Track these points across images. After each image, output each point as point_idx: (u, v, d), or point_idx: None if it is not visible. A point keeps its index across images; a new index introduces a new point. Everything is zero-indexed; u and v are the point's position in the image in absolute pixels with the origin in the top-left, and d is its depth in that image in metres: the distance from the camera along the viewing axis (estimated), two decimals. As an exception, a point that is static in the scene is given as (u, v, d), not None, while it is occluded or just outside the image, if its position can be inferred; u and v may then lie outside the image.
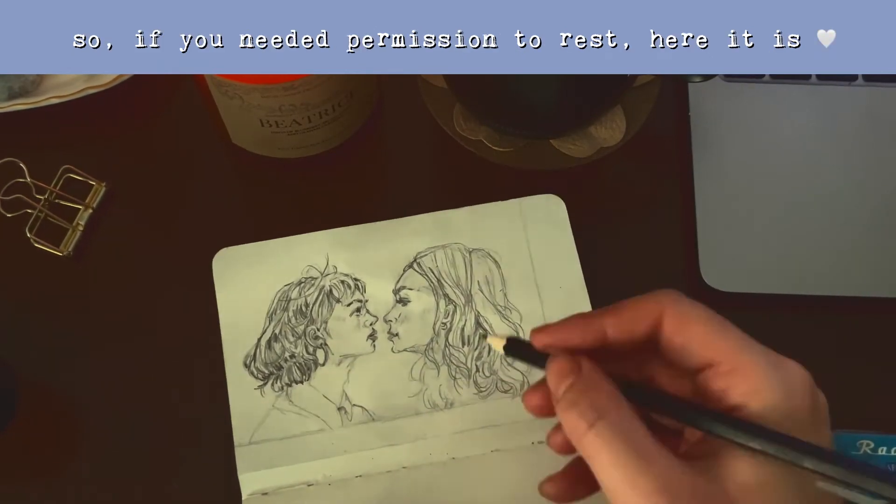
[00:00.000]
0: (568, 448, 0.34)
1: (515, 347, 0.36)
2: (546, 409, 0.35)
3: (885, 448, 0.44)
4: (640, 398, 0.33)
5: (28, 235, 0.51)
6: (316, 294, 0.48)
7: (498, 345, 0.37)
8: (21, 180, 0.52)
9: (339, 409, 0.46)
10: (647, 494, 0.30)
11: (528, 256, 0.49)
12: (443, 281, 0.48)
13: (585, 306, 0.48)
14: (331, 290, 0.48)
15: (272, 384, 0.47)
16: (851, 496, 0.30)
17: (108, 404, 0.48)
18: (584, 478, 0.34)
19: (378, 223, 0.50)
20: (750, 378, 0.31)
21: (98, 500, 0.46)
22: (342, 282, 0.49)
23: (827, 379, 0.48)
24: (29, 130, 0.54)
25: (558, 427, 0.34)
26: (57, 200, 0.52)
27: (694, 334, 0.33)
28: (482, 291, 0.48)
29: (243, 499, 0.45)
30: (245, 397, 0.46)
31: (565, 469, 0.37)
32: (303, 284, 0.49)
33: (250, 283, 0.49)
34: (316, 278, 0.49)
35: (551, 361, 0.34)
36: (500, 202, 0.50)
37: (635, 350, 0.34)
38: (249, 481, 0.45)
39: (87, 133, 0.55)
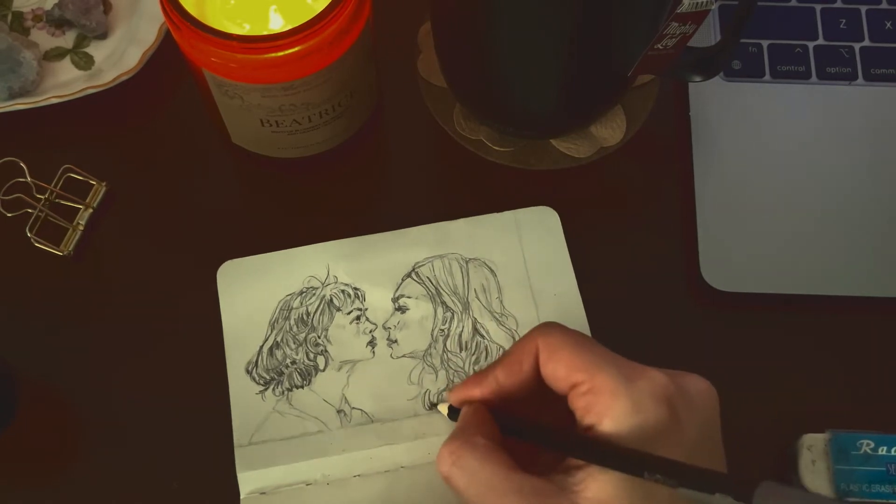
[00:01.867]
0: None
1: (453, 411, 0.41)
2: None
3: (885, 448, 0.44)
4: (515, 433, 0.38)
5: (28, 235, 0.51)
6: (317, 303, 0.49)
7: (444, 410, 0.44)
8: (21, 180, 0.52)
9: (339, 411, 0.46)
10: None
11: (523, 265, 0.49)
12: (440, 289, 0.49)
13: (580, 312, 0.48)
14: (331, 299, 0.49)
15: (273, 389, 0.47)
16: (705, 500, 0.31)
17: (108, 404, 0.48)
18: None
19: (377, 235, 0.50)
20: (602, 397, 0.34)
21: (98, 499, 0.46)
22: (342, 291, 0.49)
23: (827, 379, 0.49)
24: (29, 130, 0.54)
25: None
26: (57, 200, 0.52)
27: (561, 360, 0.35)
28: (479, 299, 0.49)
29: (241, 498, 0.45)
30: (246, 401, 0.47)
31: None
32: (304, 294, 0.49)
33: (253, 293, 0.49)
34: (317, 288, 0.49)
35: None
36: (495, 214, 0.51)
37: (532, 389, 0.37)
38: (248, 480, 0.45)
39: (87, 133, 0.55)
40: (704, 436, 0.34)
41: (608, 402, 0.33)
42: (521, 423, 0.38)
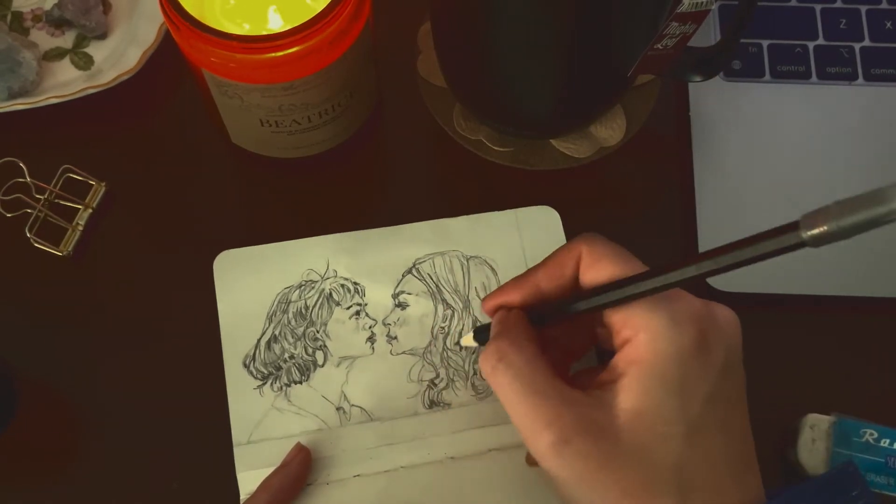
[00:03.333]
0: None
1: (480, 333, 0.42)
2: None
3: (887, 440, 0.44)
4: (549, 319, 0.38)
5: (28, 235, 0.51)
6: (316, 297, 0.49)
7: (470, 341, 0.43)
8: (21, 180, 0.52)
9: (338, 409, 0.46)
10: (540, 429, 0.34)
11: (523, 263, 0.49)
12: (441, 286, 0.49)
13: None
14: (331, 294, 0.49)
15: (271, 384, 0.47)
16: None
17: (108, 404, 0.48)
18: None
19: (378, 230, 0.50)
20: (640, 310, 0.34)
21: (98, 499, 0.46)
22: (342, 285, 0.49)
23: (826, 378, 0.49)
24: (29, 130, 0.54)
25: None
26: (57, 200, 0.52)
27: (602, 270, 0.36)
28: (479, 297, 0.49)
29: (241, 498, 0.45)
30: (244, 397, 0.47)
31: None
32: (303, 287, 0.49)
33: (251, 285, 0.49)
34: (316, 282, 0.49)
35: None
36: (496, 212, 0.51)
37: (569, 295, 0.38)
38: (248, 480, 0.45)
39: (87, 133, 0.55)
40: (730, 360, 0.36)
41: (646, 317, 0.34)
42: (552, 307, 0.38)
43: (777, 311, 0.50)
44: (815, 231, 0.28)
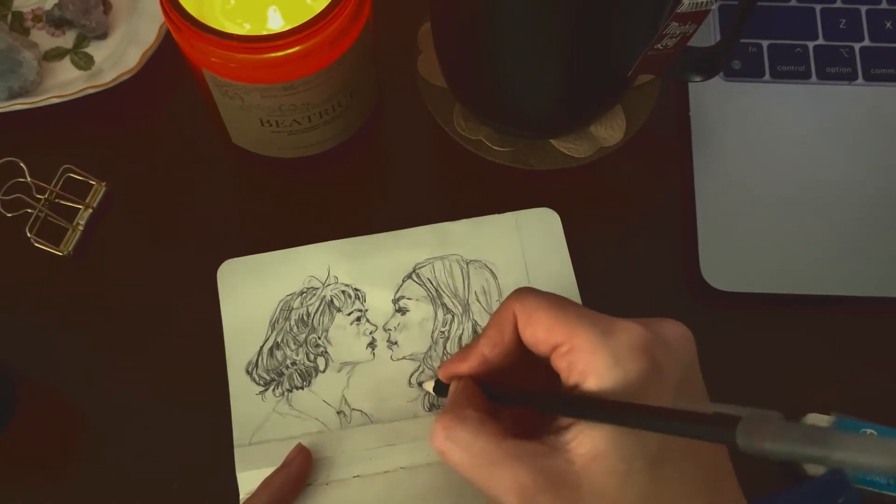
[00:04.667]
0: None
1: (440, 387, 0.42)
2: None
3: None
4: (503, 399, 0.38)
5: (28, 235, 0.51)
6: (317, 304, 0.49)
7: (430, 387, 0.44)
8: (21, 180, 0.52)
9: (339, 412, 0.46)
10: (502, 494, 0.34)
11: (523, 267, 0.49)
12: (441, 291, 0.49)
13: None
14: (332, 300, 0.49)
15: (273, 390, 0.47)
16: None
17: (108, 404, 0.48)
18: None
19: (378, 235, 0.50)
20: (582, 355, 0.34)
21: (98, 499, 0.46)
22: (343, 292, 0.49)
23: (826, 378, 0.49)
24: (29, 130, 0.54)
25: None
26: (57, 200, 0.52)
27: (539, 323, 0.36)
28: (479, 301, 0.49)
29: (241, 498, 0.45)
30: (246, 402, 0.47)
31: None
32: (304, 294, 0.49)
33: (253, 293, 0.49)
34: (317, 288, 0.49)
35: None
36: (496, 215, 0.51)
37: (517, 357, 0.38)
38: (247, 480, 0.45)
39: (87, 133, 0.55)
40: (686, 378, 0.35)
41: (589, 360, 0.34)
42: (507, 389, 0.38)
43: (777, 311, 0.50)
44: (749, 442, 0.28)
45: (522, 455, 0.34)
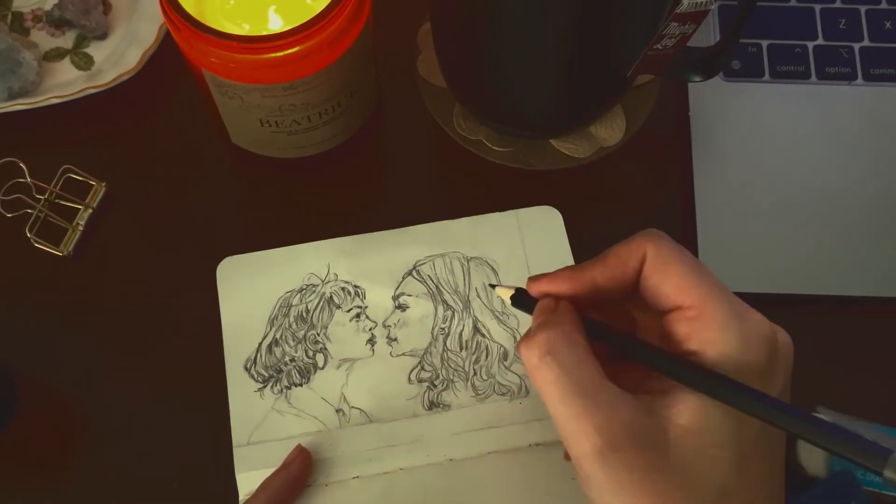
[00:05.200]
0: None
1: (520, 298, 0.38)
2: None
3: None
4: (605, 339, 0.35)
5: (28, 235, 0.51)
6: (317, 300, 0.49)
7: (506, 294, 0.39)
8: (21, 180, 0.52)
9: (338, 411, 0.46)
10: (586, 432, 0.32)
11: (524, 264, 0.49)
12: (441, 288, 0.49)
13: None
14: (331, 297, 0.49)
15: (272, 387, 0.47)
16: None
17: (108, 404, 0.48)
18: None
19: (378, 233, 0.50)
20: (711, 327, 0.32)
21: (98, 499, 0.46)
22: (342, 289, 0.49)
23: (826, 378, 0.49)
24: (29, 130, 0.54)
25: None
26: (57, 200, 0.52)
27: (669, 276, 0.34)
28: (480, 297, 0.49)
29: (240, 498, 0.45)
30: (244, 399, 0.47)
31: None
32: (304, 291, 0.49)
33: (253, 290, 0.49)
34: (317, 285, 0.49)
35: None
36: (497, 213, 0.51)
37: (626, 294, 0.36)
38: (247, 481, 0.45)
39: (87, 133, 0.55)
40: (786, 386, 0.34)
41: (717, 334, 0.32)
42: (615, 332, 0.36)
43: (777, 311, 0.50)
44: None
45: (621, 402, 0.32)
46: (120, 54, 0.55)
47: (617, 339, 0.36)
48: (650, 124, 0.52)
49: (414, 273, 0.49)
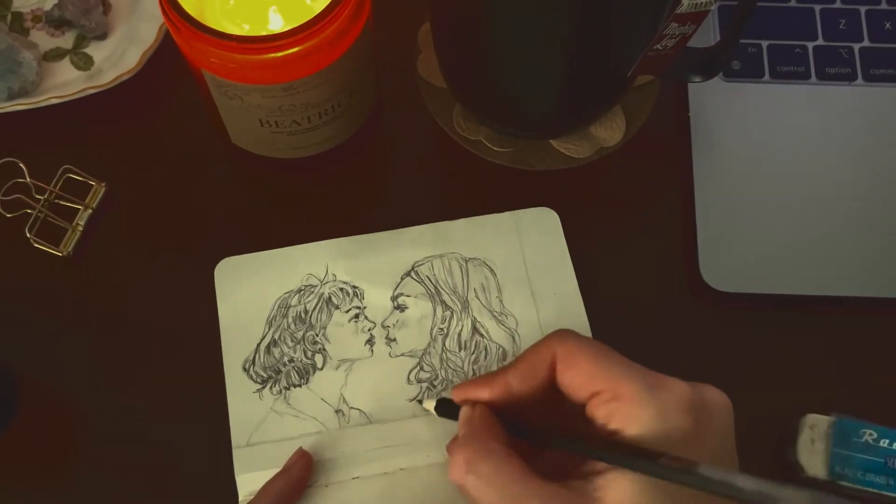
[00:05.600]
0: None
1: (444, 407, 0.42)
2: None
3: (886, 441, 0.44)
4: (524, 435, 0.37)
5: (28, 235, 0.51)
6: (315, 301, 0.49)
7: (430, 406, 0.43)
8: (21, 180, 0.52)
9: (337, 411, 0.46)
10: None
11: (523, 264, 0.49)
12: (440, 288, 0.49)
13: (580, 312, 0.48)
14: (330, 298, 0.49)
15: (270, 388, 0.47)
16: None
17: (108, 404, 0.48)
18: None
19: (377, 234, 0.50)
20: (627, 404, 0.34)
21: (98, 499, 0.46)
22: (341, 289, 0.49)
23: (826, 378, 0.49)
24: (29, 130, 0.54)
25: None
26: (57, 200, 0.52)
27: (580, 368, 0.35)
28: (478, 298, 0.49)
29: (240, 500, 0.45)
30: (243, 400, 0.47)
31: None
32: (302, 292, 0.49)
33: (251, 291, 0.49)
34: (315, 286, 0.49)
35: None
36: (495, 214, 0.51)
37: (543, 395, 0.37)
38: (246, 482, 0.45)
39: (87, 133, 0.55)
40: (722, 446, 0.35)
41: (633, 410, 0.33)
42: (532, 426, 0.38)
43: (777, 311, 0.50)
44: None
45: (549, 496, 0.33)
46: (120, 54, 0.55)
47: (535, 434, 0.37)
48: (650, 124, 0.52)
49: (412, 274, 0.49)
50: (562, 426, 0.37)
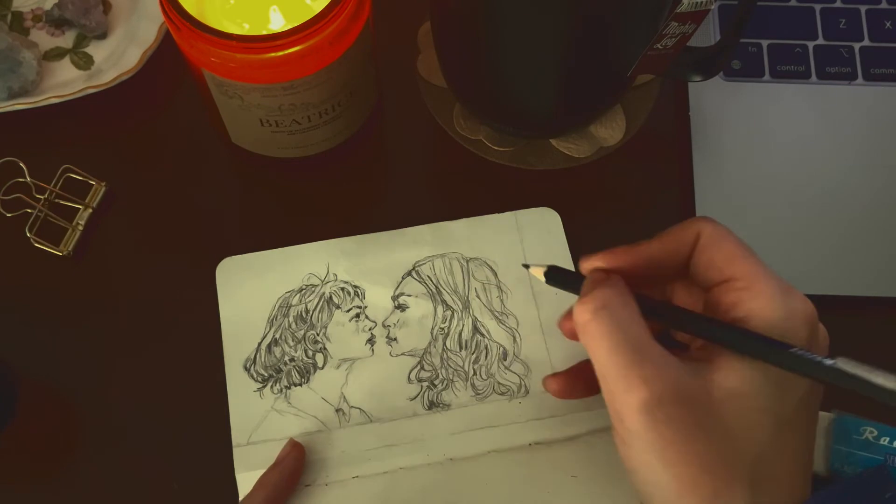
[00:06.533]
0: (574, 334, 0.36)
1: (555, 275, 0.39)
2: (563, 393, 0.41)
3: (887, 438, 0.44)
4: (655, 313, 0.36)
5: (28, 235, 0.51)
6: (316, 300, 0.49)
7: (538, 273, 0.40)
8: (21, 180, 0.52)
9: (338, 410, 0.46)
10: (634, 385, 0.33)
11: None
12: (441, 288, 0.49)
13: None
14: (331, 297, 0.49)
15: (271, 387, 0.47)
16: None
17: (108, 404, 0.48)
18: (586, 379, 0.40)
19: (378, 233, 0.50)
20: (759, 296, 0.34)
21: (98, 499, 0.46)
22: (342, 289, 0.49)
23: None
24: (29, 130, 0.54)
25: (569, 313, 0.37)
26: (57, 200, 0.52)
27: (722, 251, 0.36)
28: (479, 298, 0.49)
29: (240, 499, 0.45)
30: (244, 399, 0.47)
31: (570, 368, 0.42)
32: (303, 291, 0.49)
33: (252, 290, 0.49)
34: (316, 285, 0.49)
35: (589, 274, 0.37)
36: (496, 214, 0.51)
37: (678, 270, 0.37)
38: (247, 481, 0.45)
39: (87, 133, 0.55)
40: None
41: (764, 305, 0.34)
42: (663, 304, 0.38)
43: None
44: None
45: (669, 361, 0.34)
46: (120, 54, 0.55)
47: (666, 312, 0.37)
48: (650, 124, 0.52)
49: (413, 273, 0.49)
50: (694, 312, 0.37)
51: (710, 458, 0.33)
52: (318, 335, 0.48)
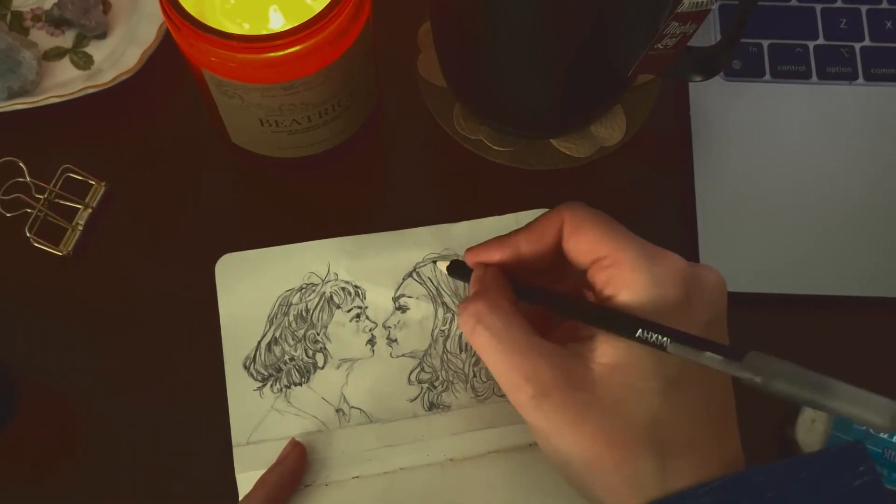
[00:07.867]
0: None
1: (456, 269, 0.43)
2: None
3: (885, 433, 0.44)
4: (529, 298, 0.39)
5: (28, 235, 0.51)
6: (317, 300, 0.49)
7: (443, 266, 0.44)
8: (21, 180, 0.52)
9: (338, 410, 0.46)
10: (520, 384, 0.35)
11: None
12: (441, 290, 0.49)
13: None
14: (331, 297, 0.49)
15: (271, 386, 0.47)
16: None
17: (108, 404, 0.48)
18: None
19: (379, 234, 0.50)
20: (623, 270, 0.36)
21: (98, 499, 0.46)
22: (343, 288, 0.49)
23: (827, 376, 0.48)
24: (29, 130, 0.54)
25: None
26: (56, 200, 0.52)
27: (584, 234, 0.37)
28: None
29: (240, 498, 0.45)
30: (244, 398, 0.47)
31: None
32: (304, 290, 0.49)
33: (252, 288, 0.49)
34: (317, 285, 0.49)
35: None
36: (497, 216, 0.51)
37: (549, 259, 0.39)
38: (247, 481, 0.45)
39: (87, 133, 0.55)
40: (713, 321, 0.36)
41: (629, 276, 0.35)
42: (537, 289, 0.39)
43: (776, 311, 0.50)
44: (748, 375, 0.31)
45: (547, 352, 0.35)
46: (120, 54, 0.55)
47: (538, 296, 0.39)
48: (650, 124, 0.52)
49: (414, 275, 0.49)
50: (565, 293, 0.40)
51: (603, 433, 0.34)
52: (318, 335, 0.48)
